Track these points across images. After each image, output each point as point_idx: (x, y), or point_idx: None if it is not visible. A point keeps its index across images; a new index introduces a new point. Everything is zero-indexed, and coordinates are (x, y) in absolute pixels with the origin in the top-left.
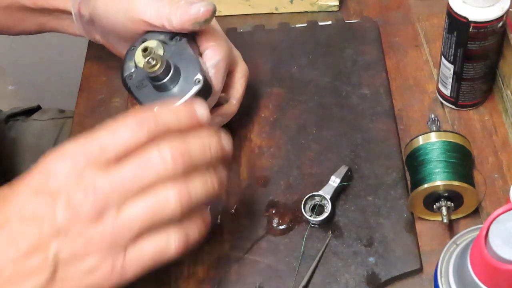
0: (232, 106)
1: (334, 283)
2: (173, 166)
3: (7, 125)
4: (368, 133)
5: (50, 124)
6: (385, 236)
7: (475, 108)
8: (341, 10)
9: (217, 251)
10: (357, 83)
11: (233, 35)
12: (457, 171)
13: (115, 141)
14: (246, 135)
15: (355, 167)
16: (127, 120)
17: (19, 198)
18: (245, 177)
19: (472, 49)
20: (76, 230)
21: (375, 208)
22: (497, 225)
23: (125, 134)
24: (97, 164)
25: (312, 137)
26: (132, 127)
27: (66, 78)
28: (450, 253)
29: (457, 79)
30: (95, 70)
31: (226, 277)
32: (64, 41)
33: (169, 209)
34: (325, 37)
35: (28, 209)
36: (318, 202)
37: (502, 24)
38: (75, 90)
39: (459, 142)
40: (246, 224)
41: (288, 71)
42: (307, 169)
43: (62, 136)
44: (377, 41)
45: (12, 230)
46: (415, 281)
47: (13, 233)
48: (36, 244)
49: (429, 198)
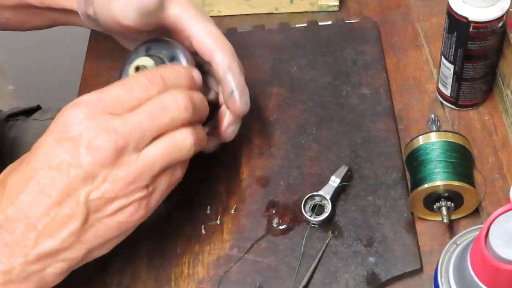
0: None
1: (334, 283)
2: (185, 111)
3: (7, 124)
4: (368, 133)
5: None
6: (385, 236)
7: (475, 108)
8: (341, 10)
9: (217, 251)
10: (357, 83)
11: (233, 35)
12: (457, 171)
13: (129, 95)
14: (246, 135)
15: (355, 167)
16: (138, 78)
17: (43, 149)
18: (245, 177)
19: (472, 49)
20: (101, 173)
21: (375, 208)
22: (497, 225)
23: (138, 89)
24: (114, 112)
25: (312, 137)
26: (144, 84)
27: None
28: (450, 253)
29: (457, 79)
30: (95, 70)
31: (226, 277)
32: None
33: (186, 149)
34: (325, 37)
35: (53, 158)
36: (318, 202)
37: (502, 24)
38: (75, 90)
39: (459, 142)
40: (246, 224)
41: (288, 71)
42: (307, 169)
43: None
44: (377, 41)
45: (41, 180)
46: (415, 281)
47: (43, 184)
48: (67, 192)
49: (429, 198)
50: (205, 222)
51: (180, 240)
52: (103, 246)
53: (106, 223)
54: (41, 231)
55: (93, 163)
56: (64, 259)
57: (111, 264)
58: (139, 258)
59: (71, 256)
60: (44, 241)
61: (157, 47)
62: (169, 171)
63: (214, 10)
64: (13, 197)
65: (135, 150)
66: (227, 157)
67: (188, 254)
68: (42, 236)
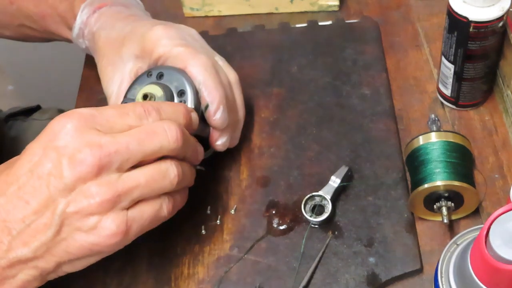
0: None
1: (334, 284)
2: (175, 142)
3: (7, 124)
4: (368, 133)
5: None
6: (385, 236)
7: (475, 108)
8: (341, 10)
9: (217, 251)
10: (357, 83)
11: (233, 35)
12: (458, 171)
13: (122, 120)
14: (246, 135)
15: (355, 167)
16: (136, 107)
17: (28, 155)
18: (245, 177)
19: (472, 49)
20: (80, 187)
21: (375, 208)
22: (498, 225)
23: (132, 116)
24: (103, 130)
25: (312, 137)
26: (140, 113)
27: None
28: (450, 253)
29: (458, 79)
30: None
31: (226, 277)
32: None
33: (169, 179)
34: (325, 37)
35: (36, 165)
36: (318, 203)
37: (503, 24)
38: (75, 90)
39: (460, 142)
40: (246, 224)
41: (288, 71)
42: (307, 169)
43: None
44: (377, 41)
45: (22, 186)
46: (416, 281)
47: (23, 190)
48: (45, 201)
49: (429, 198)
50: (205, 222)
51: (180, 240)
52: (74, 263)
53: (78, 240)
54: (15, 236)
55: (73, 176)
56: (35, 266)
57: (111, 264)
58: (139, 258)
59: (42, 266)
60: (17, 247)
61: (169, 76)
62: (154, 203)
63: (214, 10)
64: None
65: (118, 170)
66: (227, 157)
67: (188, 254)
68: (16, 242)
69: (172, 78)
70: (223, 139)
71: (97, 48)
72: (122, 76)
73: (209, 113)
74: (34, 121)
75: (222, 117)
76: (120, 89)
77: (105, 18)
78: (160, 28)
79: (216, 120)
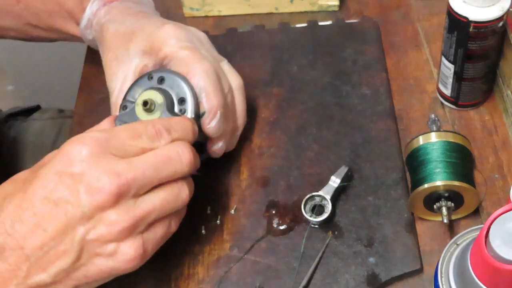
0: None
1: (334, 284)
2: (187, 165)
3: (6, 124)
4: (368, 133)
5: (49, 123)
6: (386, 236)
7: (475, 108)
8: (341, 10)
9: (217, 251)
10: (357, 83)
11: (233, 35)
12: (457, 171)
13: (135, 143)
14: (246, 135)
15: (355, 167)
16: (147, 127)
17: (42, 182)
18: (245, 177)
19: (472, 49)
20: (99, 215)
21: (375, 208)
22: (498, 225)
23: (145, 139)
24: (117, 154)
25: (312, 137)
26: (152, 135)
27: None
28: (450, 253)
29: (458, 79)
30: (95, 70)
31: (226, 277)
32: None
33: (181, 200)
34: (325, 37)
35: (52, 192)
36: (318, 203)
37: (503, 24)
38: (75, 90)
39: (459, 142)
40: (246, 224)
41: (288, 71)
42: (307, 169)
43: (62, 136)
44: (377, 41)
45: (38, 213)
46: (415, 281)
47: (39, 216)
48: (63, 228)
49: (429, 198)
50: (205, 222)
51: (180, 241)
52: (91, 284)
53: (97, 265)
54: (33, 263)
55: (91, 204)
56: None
57: None
58: None
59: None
60: (36, 273)
61: (169, 81)
62: (165, 222)
63: (214, 10)
64: (7, 225)
65: (134, 196)
66: (227, 157)
67: (188, 255)
68: (34, 268)
69: (174, 83)
70: (218, 145)
71: (104, 41)
72: (127, 72)
73: (204, 121)
74: (34, 121)
75: (216, 126)
76: (123, 86)
77: (115, 12)
78: (169, 28)
79: (210, 129)
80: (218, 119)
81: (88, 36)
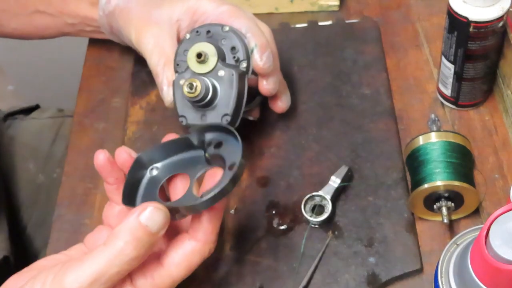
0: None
1: (335, 284)
2: None
3: (5, 123)
4: (368, 133)
5: (48, 122)
6: (386, 236)
7: (475, 108)
8: (341, 10)
9: (217, 252)
10: (357, 83)
11: None
12: (458, 171)
13: None
14: (246, 135)
15: (355, 167)
16: None
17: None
18: (245, 177)
19: (472, 49)
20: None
21: (376, 208)
22: (498, 225)
23: None
24: None
25: (312, 137)
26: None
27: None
28: (450, 253)
29: (458, 79)
30: (94, 70)
31: (226, 277)
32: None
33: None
34: (325, 37)
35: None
36: (318, 203)
37: (503, 23)
38: (75, 90)
39: (460, 142)
40: (246, 224)
41: (288, 71)
42: (307, 169)
43: (60, 135)
44: (377, 41)
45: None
46: (416, 281)
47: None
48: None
49: (429, 198)
50: None
51: None
52: None
53: None
54: None
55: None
56: None
57: None
58: None
59: None
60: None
61: (217, 32)
62: None
63: None
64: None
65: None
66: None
67: None
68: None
69: (221, 34)
70: (270, 82)
71: (132, 8)
72: (166, 36)
73: (255, 58)
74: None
75: (268, 59)
76: (171, 50)
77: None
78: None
79: (262, 63)
80: (268, 52)
81: (105, 10)
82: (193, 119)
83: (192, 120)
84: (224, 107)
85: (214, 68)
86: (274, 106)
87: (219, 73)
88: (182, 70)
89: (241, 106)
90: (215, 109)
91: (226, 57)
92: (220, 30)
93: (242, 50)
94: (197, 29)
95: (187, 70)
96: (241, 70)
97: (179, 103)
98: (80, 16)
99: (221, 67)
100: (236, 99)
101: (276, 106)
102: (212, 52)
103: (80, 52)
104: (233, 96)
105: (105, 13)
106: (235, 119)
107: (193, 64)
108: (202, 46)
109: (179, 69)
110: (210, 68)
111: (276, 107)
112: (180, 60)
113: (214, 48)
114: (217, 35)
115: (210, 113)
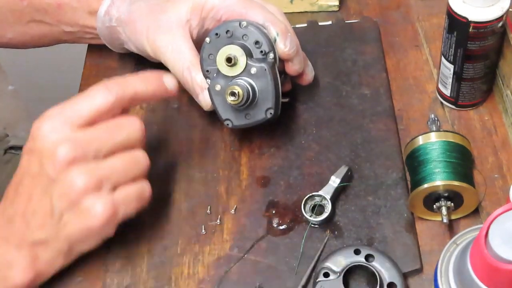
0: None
1: None
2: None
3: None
4: (368, 133)
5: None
6: (385, 236)
7: (475, 108)
8: (341, 10)
9: (217, 251)
10: (357, 83)
11: None
12: (457, 171)
13: (88, 105)
14: (246, 135)
15: (355, 167)
16: (98, 86)
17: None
18: (245, 177)
19: (472, 49)
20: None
21: (375, 208)
22: (497, 225)
23: (98, 98)
24: (74, 124)
25: (312, 137)
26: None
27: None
28: (450, 253)
29: (457, 79)
30: (95, 70)
31: (226, 277)
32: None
33: (142, 165)
34: (325, 37)
35: (29, 168)
36: (318, 202)
37: (502, 24)
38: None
39: (459, 142)
40: (246, 224)
41: None
42: (307, 169)
43: None
44: (377, 41)
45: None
46: (415, 281)
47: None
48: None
49: (429, 198)
50: (205, 222)
51: (181, 240)
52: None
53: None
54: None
55: (55, 171)
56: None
57: (111, 264)
58: (139, 258)
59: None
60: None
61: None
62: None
63: None
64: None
65: (95, 158)
66: (227, 157)
67: (188, 254)
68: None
69: (240, 31)
70: (296, 62)
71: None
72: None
73: (279, 45)
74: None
75: (291, 43)
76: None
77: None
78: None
79: (287, 48)
80: (291, 36)
81: (106, 23)
82: (238, 120)
83: (238, 121)
84: (265, 101)
85: (245, 67)
86: (301, 80)
87: (252, 70)
88: (213, 76)
89: (279, 95)
90: (257, 105)
91: (253, 53)
92: (238, 26)
93: (265, 42)
94: (216, 31)
95: (219, 74)
96: (270, 62)
97: (220, 107)
98: (79, 24)
99: (252, 65)
100: (274, 91)
101: (303, 80)
102: (240, 52)
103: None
104: (271, 89)
105: (104, 25)
106: (278, 109)
107: (224, 68)
108: (228, 49)
109: (209, 75)
110: (242, 68)
111: (302, 81)
112: (208, 66)
113: (240, 48)
114: (237, 33)
115: (253, 110)
